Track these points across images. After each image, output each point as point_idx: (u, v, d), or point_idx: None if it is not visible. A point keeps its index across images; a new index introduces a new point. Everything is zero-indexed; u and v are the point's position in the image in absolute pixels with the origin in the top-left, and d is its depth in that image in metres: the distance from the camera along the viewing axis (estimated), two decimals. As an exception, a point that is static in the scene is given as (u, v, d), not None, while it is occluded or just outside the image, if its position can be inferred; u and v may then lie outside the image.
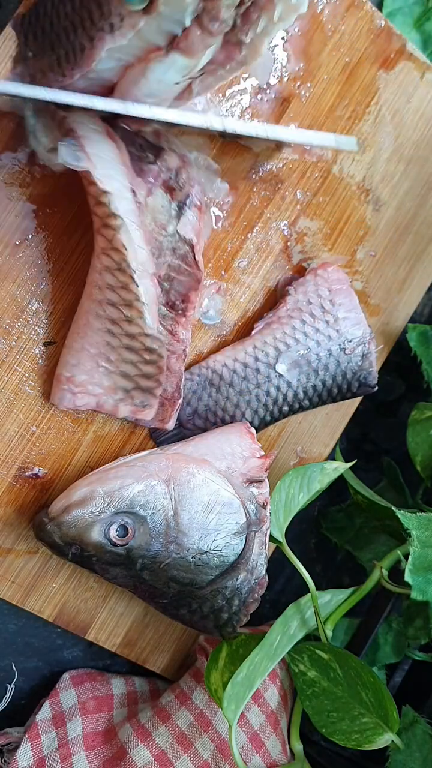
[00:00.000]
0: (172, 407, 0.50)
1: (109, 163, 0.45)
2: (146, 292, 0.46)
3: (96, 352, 0.48)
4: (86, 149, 0.43)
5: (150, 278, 0.47)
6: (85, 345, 0.48)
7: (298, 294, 0.54)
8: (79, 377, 0.48)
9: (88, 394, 0.48)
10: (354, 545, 0.62)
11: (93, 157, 0.44)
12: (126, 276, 0.45)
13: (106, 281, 0.46)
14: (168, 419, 0.50)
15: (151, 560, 0.46)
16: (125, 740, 0.50)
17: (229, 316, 0.55)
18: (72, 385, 0.48)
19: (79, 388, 0.48)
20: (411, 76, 0.57)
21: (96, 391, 0.49)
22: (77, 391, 0.48)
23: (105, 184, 0.44)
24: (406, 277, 0.61)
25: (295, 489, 0.52)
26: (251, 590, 0.48)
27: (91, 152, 0.44)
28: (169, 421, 0.50)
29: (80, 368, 0.48)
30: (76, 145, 0.43)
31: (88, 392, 0.48)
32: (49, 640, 0.56)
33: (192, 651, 0.58)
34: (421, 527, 0.48)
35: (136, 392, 0.49)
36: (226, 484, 0.47)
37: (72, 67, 0.42)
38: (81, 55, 0.42)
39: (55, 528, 0.45)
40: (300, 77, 0.54)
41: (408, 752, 0.50)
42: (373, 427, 0.66)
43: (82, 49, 0.41)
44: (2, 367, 0.50)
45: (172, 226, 0.48)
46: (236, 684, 0.47)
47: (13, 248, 0.49)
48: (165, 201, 0.47)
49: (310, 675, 0.51)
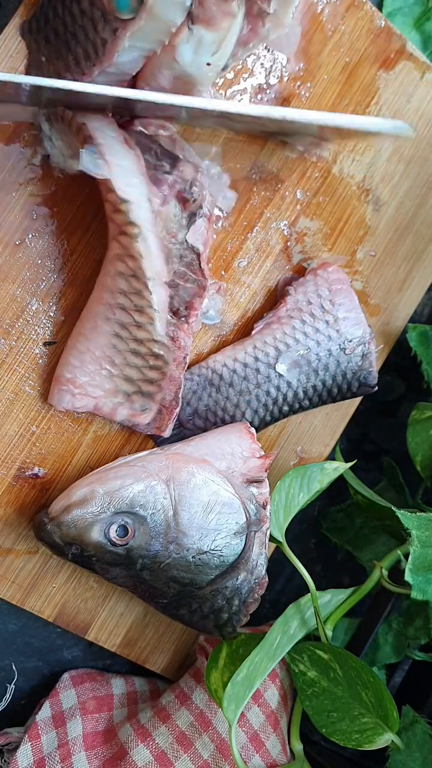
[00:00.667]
0: (170, 415, 0.50)
1: (128, 171, 0.45)
2: (158, 299, 0.47)
3: (100, 355, 0.48)
4: (106, 157, 0.44)
5: (162, 286, 0.47)
6: (90, 347, 0.48)
7: (298, 294, 0.54)
8: (81, 379, 0.48)
9: (87, 396, 0.48)
10: (354, 545, 0.62)
11: (113, 165, 0.44)
12: (140, 283, 0.46)
13: (119, 286, 0.47)
14: (165, 427, 0.50)
15: (151, 560, 0.46)
16: (125, 740, 0.50)
17: (229, 316, 0.55)
18: (72, 386, 0.48)
19: (79, 389, 0.48)
20: (411, 76, 0.57)
21: (96, 393, 0.49)
22: (77, 392, 0.48)
23: (125, 192, 0.44)
24: (406, 277, 0.61)
25: (295, 489, 0.52)
26: (251, 590, 0.48)
27: (111, 160, 0.44)
28: (166, 429, 0.50)
29: (82, 370, 0.48)
30: (96, 153, 0.44)
31: (87, 394, 0.48)
32: (49, 640, 0.56)
33: (192, 651, 0.58)
34: (421, 527, 0.48)
35: (136, 396, 0.49)
36: (226, 484, 0.47)
37: (93, 64, 0.42)
38: (102, 50, 0.42)
39: (55, 528, 0.45)
40: (300, 77, 0.54)
41: (408, 752, 0.50)
42: (373, 427, 0.66)
43: (103, 43, 0.41)
44: (2, 367, 0.50)
45: (182, 234, 0.48)
46: (236, 684, 0.47)
47: (13, 248, 0.49)
48: (177, 210, 0.48)
49: (310, 675, 0.51)
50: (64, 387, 0.48)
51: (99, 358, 0.48)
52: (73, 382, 0.48)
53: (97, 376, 0.48)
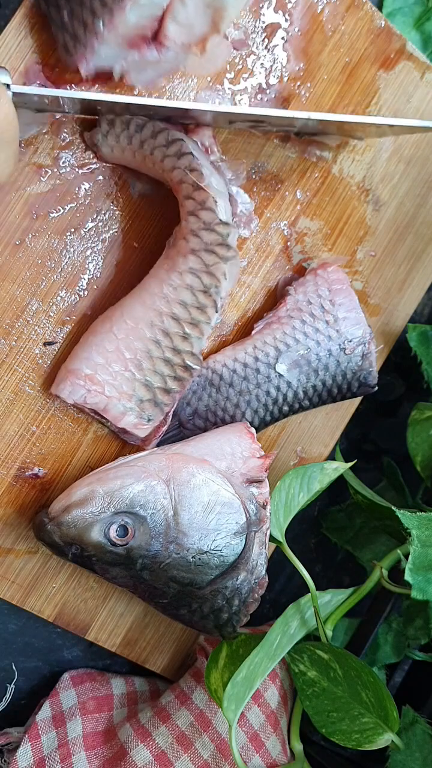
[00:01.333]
0: (156, 431, 0.50)
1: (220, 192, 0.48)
2: (216, 319, 0.49)
3: (131, 357, 0.48)
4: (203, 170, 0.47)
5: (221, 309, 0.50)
6: (122, 347, 0.48)
7: (298, 294, 0.54)
8: (101, 376, 0.48)
9: (102, 395, 0.48)
10: (354, 545, 0.62)
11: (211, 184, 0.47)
12: (209, 300, 0.48)
13: (181, 298, 0.48)
14: (149, 441, 0.51)
15: (151, 560, 0.46)
16: (125, 740, 0.50)
17: (229, 316, 0.55)
18: (90, 383, 0.48)
19: (97, 386, 0.48)
20: (411, 76, 0.57)
21: (112, 393, 0.48)
22: (93, 389, 0.48)
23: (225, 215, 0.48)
24: (406, 277, 0.61)
25: (295, 489, 0.52)
26: (251, 590, 0.48)
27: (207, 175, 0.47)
28: (150, 443, 0.51)
29: (106, 368, 0.48)
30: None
31: (103, 393, 0.48)
32: (49, 640, 0.56)
33: (192, 651, 0.58)
34: (421, 527, 0.48)
35: (148, 404, 0.49)
36: (226, 484, 0.47)
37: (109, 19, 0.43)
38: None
39: (55, 528, 0.45)
40: (300, 77, 0.54)
41: (408, 752, 0.50)
42: (373, 427, 0.66)
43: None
44: (2, 367, 0.50)
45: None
46: (236, 684, 0.47)
47: (13, 248, 0.49)
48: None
49: (310, 675, 0.51)
50: (80, 381, 0.48)
51: (128, 360, 0.48)
52: (92, 379, 0.48)
53: (119, 376, 0.48)
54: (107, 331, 0.48)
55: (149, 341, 0.48)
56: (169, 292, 0.48)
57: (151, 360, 0.48)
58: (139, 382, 0.48)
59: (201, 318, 0.48)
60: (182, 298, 0.48)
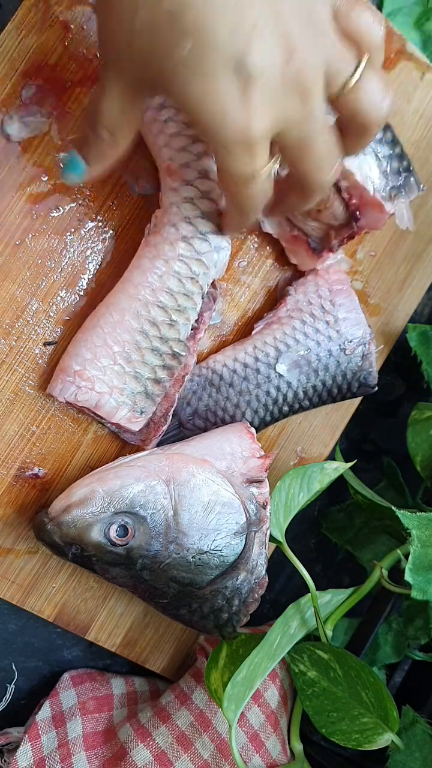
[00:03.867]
0: (156, 430, 0.50)
1: None
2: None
3: (119, 350, 0.48)
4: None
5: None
6: (109, 341, 0.48)
7: (298, 294, 0.54)
8: (90, 372, 0.48)
9: (93, 391, 0.48)
10: (354, 545, 0.62)
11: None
12: (196, 286, 0.48)
13: (167, 285, 0.48)
14: (149, 441, 0.51)
15: (151, 560, 0.46)
16: (125, 740, 0.50)
17: (229, 316, 0.55)
18: (80, 379, 0.48)
19: (87, 382, 0.48)
20: (411, 76, 0.57)
21: (102, 388, 0.48)
22: (84, 385, 0.48)
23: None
24: (406, 277, 0.61)
25: (295, 489, 0.52)
26: (251, 590, 0.48)
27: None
28: (150, 443, 0.51)
29: (94, 363, 0.48)
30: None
31: (94, 388, 0.48)
32: (49, 640, 0.56)
33: (192, 651, 0.58)
34: (421, 527, 0.48)
35: (140, 397, 0.49)
36: (226, 484, 0.47)
37: None
38: None
39: (55, 528, 0.45)
40: (300, 77, 0.54)
41: (408, 752, 0.50)
42: (373, 427, 0.66)
43: None
44: (2, 367, 0.50)
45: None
46: (236, 684, 0.47)
47: (13, 248, 0.49)
48: None
49: (310, 675, 0.51)
50: (69, 378, 0.48)
51: (116, 353, 0.48)
52: (81, 375, 0.48)
53: (109, 371, 0.48)
54: (94, 326, 0.48)
55: (136, 332, 0.48)
56: (155, 280, 0.48)
57: (139, 351, 0.48)
58: (129, 375, 0.48)
59: (187, 304, 0.48)
60: (169, 286, 0.48)
